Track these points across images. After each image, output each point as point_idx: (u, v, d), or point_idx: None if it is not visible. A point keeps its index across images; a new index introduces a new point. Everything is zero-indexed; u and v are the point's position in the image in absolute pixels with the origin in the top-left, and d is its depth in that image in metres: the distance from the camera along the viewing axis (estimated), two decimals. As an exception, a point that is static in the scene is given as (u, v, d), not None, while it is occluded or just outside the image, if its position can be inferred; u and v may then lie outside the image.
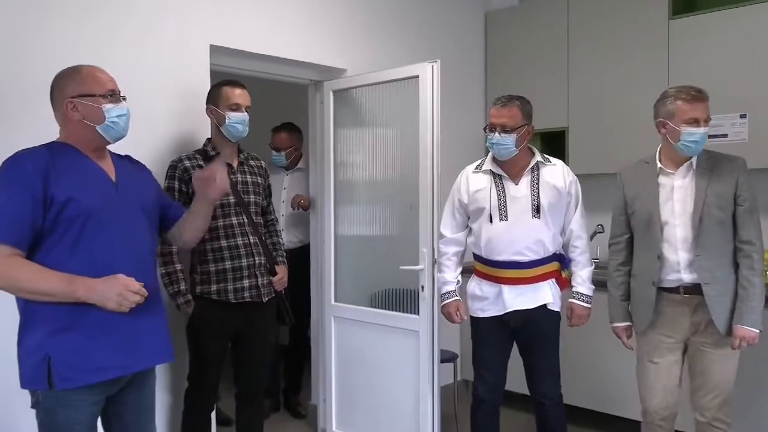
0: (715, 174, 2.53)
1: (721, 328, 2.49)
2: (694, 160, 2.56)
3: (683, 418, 2.83)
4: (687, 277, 2.54)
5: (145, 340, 2.02)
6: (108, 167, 2.06)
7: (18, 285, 1.86)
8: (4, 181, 1.86)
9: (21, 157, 1.90)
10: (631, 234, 2.72)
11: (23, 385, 1.91)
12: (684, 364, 2.66)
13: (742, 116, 3.48)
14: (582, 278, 2.86)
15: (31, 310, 1.90)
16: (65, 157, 1.95)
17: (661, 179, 2.60)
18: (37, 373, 1.87)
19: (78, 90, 1.97)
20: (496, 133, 2.73)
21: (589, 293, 2.86)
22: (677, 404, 2.67)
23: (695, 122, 2.47)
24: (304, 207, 3.94)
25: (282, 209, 4.07)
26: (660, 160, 2.63)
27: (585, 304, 2.85)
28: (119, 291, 1.88)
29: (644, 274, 2.63)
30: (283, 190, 4.12)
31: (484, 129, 2.82)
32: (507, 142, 2.73)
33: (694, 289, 2.53)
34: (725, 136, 3.51)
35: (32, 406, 1.93)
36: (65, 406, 1.90)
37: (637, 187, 2.63)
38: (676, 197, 2.57)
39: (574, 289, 2.87)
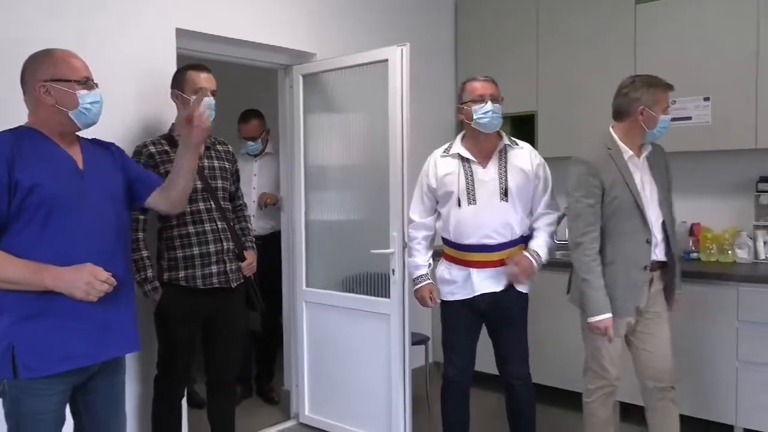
0: (653, 159, 2.73)
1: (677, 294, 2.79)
2: (645, 147, 2.69)
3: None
4: (659, 255, 2.69)
5: (113, 328, 2.01)
6: (75, 153, 2.03)
7: None
8: None
9: None
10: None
11: None
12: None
13: (706, 99, 3.55)
14: (541, 243, 2.83)
15: None
16: (31, 143, 1.92)
17: (630, 165, 2.66)
18: (1, 362, 1.84)
19: (51, 74, 1.93)
20: (489, 102, 2.73)
21: (543, 258, 2.83)
22: None
23: (667, 109, 2.64)
24: (271, 204, 3.97)
25: (253, 195, 4.03)
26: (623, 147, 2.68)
27: (534, 263, 2.80)
28: (87, 280, 1.86)
29: (630, 259, 2.64)
30: (254, 176, 4.09)
31: (463, 104, 2.79)
32: (498, 112, 2.75)
33: (656, 265, 2.70)
34: (689, 118, 3.57)
35: None
36: (31, 395, 1.88)
37: (614, 174, 2.62)
38: (645, 181, 2.67)
39: (530, 247, 2.82)
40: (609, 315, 2.59)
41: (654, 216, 2.66)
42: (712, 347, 3.30)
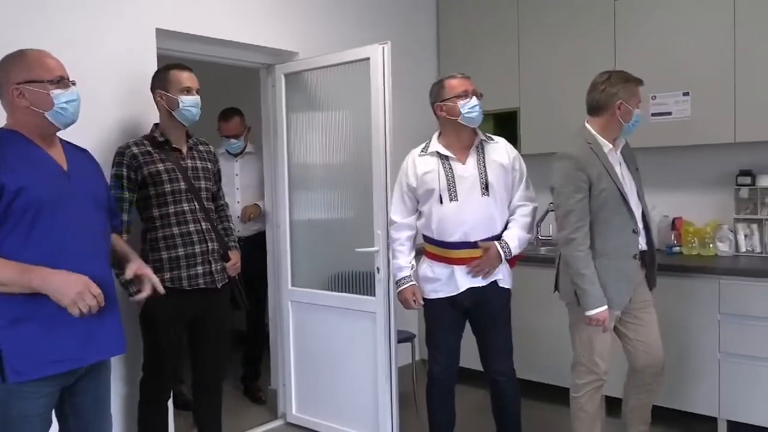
0: (626, 154, 2.84)
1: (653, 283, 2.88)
2: (623, 140, 2.80)
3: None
4: (642, 244, 2.77)
5: (101, 331, 2.00)
6: (58, 156, 2.01)
7: None
8: None
9: None
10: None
11: None
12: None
13: (685, 94, 3.58)
14: (512, 234, 2.82)
15: None
16: (14, 145, 1.90)
17: (611, 158, 2.72)
18: None
19: (24, 76, 1.91)
20: (474, 98, 2.79)
21: (513, 249, 2.81)
22: None
23: (640, 104, 2.76)
24: (255, 217, 3.97)
25: (237, 195, 4.01)
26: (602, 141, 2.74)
27: (502, 252, 2.79)
28: (79, 290, 1.84)
29: (620, 250, 2.69)
30: (236, 176, 4.05)
31: (443, 101, 2.81)
32: (481, 107, 2.81)
33: (640, 255, 2.76)
34: (669, 113, 3.61)
35: None
36: (19, 398, 1.86)
37: (598, 167, 2.67)
38: (623, 173, 2.74)
39: (503, 238, 2.82)
40: (606, 307, 2.65)
41: (635, 207, 2.74)
42: (694, 340, 3.34)
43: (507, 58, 4.28)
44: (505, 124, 4.27)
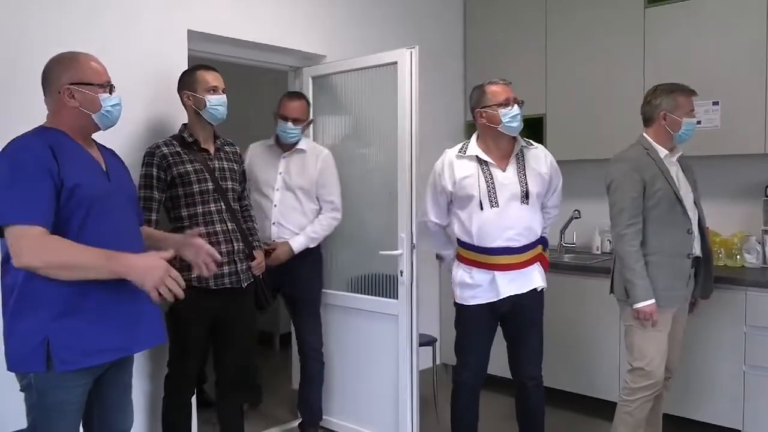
0: (683, 164, 2.90)
1: (699, 293, 2.95)
2: (680, 147, 2.84)
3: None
4: (696, 250, 2.84)
5: (143, 321, 2.06)
6: (97, 155, 2.08)
7: (57, 260, 1.83)
8: (23, 164, 1.84)
9: (28, 141, 1.89)
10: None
11: (14, 369, 1.91)
12: None
13: (715, 103, 3.55)
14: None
15: (31, 292, 1.87)
16: (63, 144, 1.95)
17: (666, 162, 2.81)
18: (35, 356, 1.86)
19: (76, 77, 1.98)
20: (516, 106, 2.78)
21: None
22: None
23: (692, 113, 2.83)
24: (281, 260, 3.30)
25: (275, 198, 3.36)
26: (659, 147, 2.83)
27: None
28: (161, 274, 1.88)
29: (675, 249, 2.78)
30: (279, 174, 3.37)
31: (485, 108, 2.78)
32: (521, 115, 2.81)
33: (694, 261, 2.83)
34: (698, 123, 3.55)
35: (22, 389, 1.93)
36: (59, 387, 1.91)
37: (653, 169, 2.78)
38: (680, 178, 2.84)
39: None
40: (653, 301, 2.72)
41: (690, 210, 2.80)
42: (719, 352, 3.30)
43: (534, 64, 4.27)
44: (531, 130, 4.24)
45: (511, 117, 2.75)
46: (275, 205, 3.33)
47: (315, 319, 3.46)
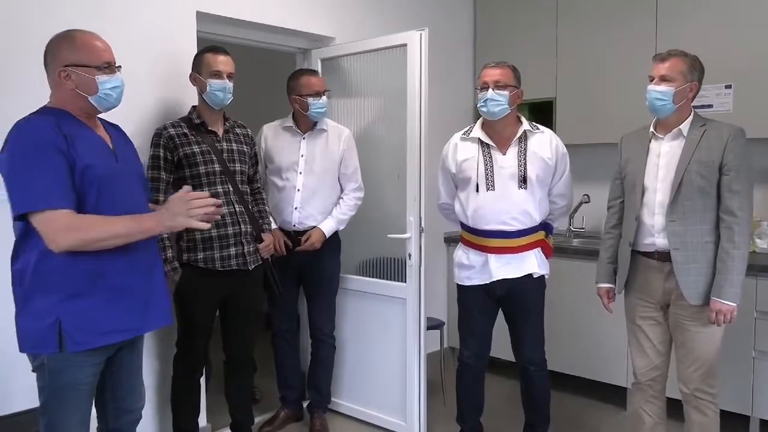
0: (704, 141, 2.49)
1: (689, 297, 2.47)
2: (684, 126, 2.54)
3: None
4: (660, 242, 2.54)
5: (154, 301, 2.07)
6: (103, 135, 2.06)
7: (92, 236, 1.84)
8: (35, 147, 1.82)
9: (37, 123, 1.87)
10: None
11: (25, 349, 1.91)
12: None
13: (727, 87, 3.50)
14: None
15: (46, 273, 1.87)
16: (69, 124, 1.93)
17: (652, 144, 2.62)
18: (47, 336, 1.86)
19: (72, 58, 1.93)
20: (489, 90, 2.71)
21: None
22: (665, 367, 2.70)
23: (650, 79, 2.59)
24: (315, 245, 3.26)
25: (298, 182, 3.24)
26: (655, 126, 2.63)
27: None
28: (186, 205, 1.90)
29: (625, 236, 2.68)
30: (301, 157, 3.26)
31: (476, 88, 2.80)
32: (500, 98, 2.70)
33: (668, 256, 2.52)
34: (710, 106, 3.53)
35: (33, 370, 1.94)
36: (72, 367, 1.91)
37: (631, 152, 2.68)
38: (661, 163, 2.57)
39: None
40: (603, 285, 2.79)
41: (660, 197, 2.54)
42: (729, 338, 3.25)
43: (544, 47, 4.22)
44: (541, 114, 4.22)
45: (482, 102, 2.71)
46: (298, 190, 3.24)
47: (331, 303, 3.45)
